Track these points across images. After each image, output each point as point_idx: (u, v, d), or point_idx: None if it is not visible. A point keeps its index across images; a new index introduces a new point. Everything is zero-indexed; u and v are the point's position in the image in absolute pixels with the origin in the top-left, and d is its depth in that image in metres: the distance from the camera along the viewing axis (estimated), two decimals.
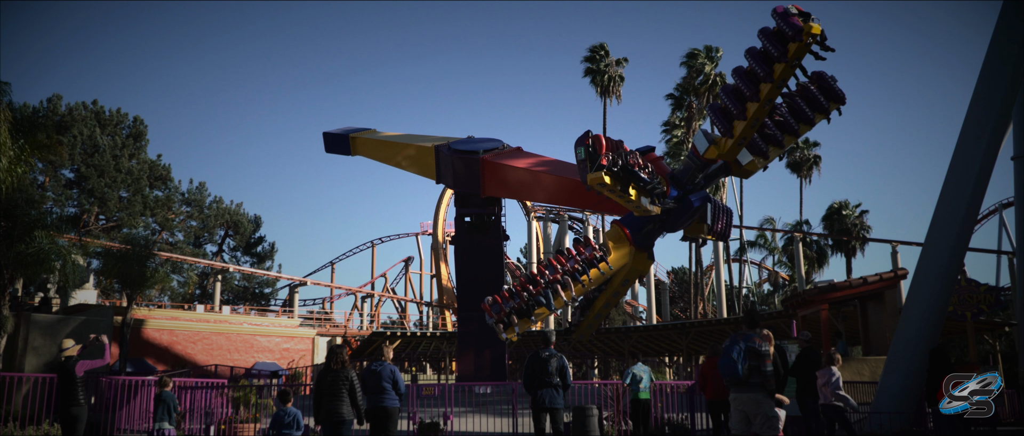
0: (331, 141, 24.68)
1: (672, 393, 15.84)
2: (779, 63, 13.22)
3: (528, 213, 50.91)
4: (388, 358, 9.86)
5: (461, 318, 22.97)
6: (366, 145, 24.00)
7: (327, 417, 8.87)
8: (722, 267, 49.12)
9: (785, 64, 13.16)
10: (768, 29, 13.33)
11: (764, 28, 13.44)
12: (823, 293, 22.78)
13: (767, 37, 13.32)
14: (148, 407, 14.87)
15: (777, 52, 13.14)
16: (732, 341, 8.13)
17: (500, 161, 19.95)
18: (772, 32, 13.25)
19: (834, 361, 11.56)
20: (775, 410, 8.02)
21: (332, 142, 24.67)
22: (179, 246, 50.93)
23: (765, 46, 13.37)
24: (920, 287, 14.78)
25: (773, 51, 13.20)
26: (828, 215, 52.80)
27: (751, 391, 7.94)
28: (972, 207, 14.74)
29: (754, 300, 59.16)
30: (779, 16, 13.01)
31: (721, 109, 14.54)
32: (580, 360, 40.34)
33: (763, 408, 7.90)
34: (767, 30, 13.34)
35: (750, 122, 14.04)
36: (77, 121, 47.06)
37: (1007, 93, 14.68)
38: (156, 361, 30.16)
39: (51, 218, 22.04)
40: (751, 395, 7.94)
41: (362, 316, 56.64)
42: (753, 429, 8.03)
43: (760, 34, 13.47)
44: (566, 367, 10.06)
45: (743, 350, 7.95)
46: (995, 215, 51.77)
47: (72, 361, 10.66)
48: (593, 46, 48.68)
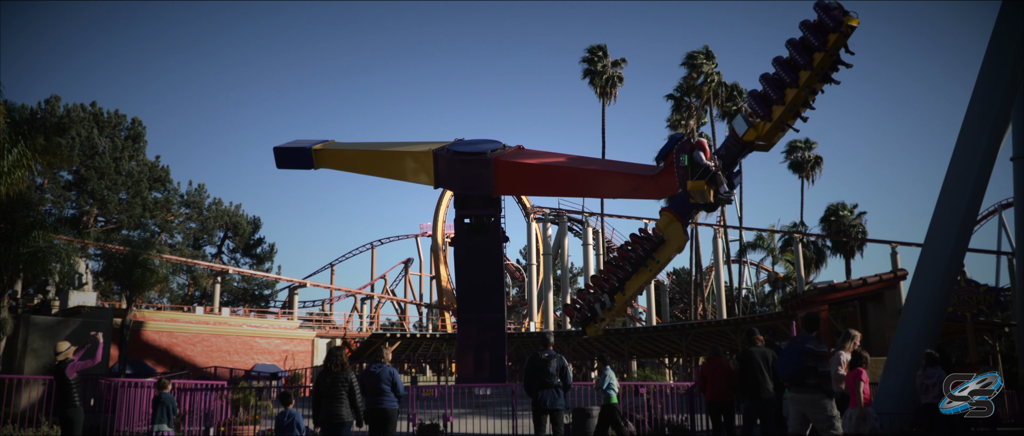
0: (285, 156, 23.11)
1: (672, 394, 15.84)
2: (818, 53, 14.41)
3: (528, 214, 50.91)
4: (387, 360, 9.84)
5: (461, 319, 22.94)
6: (335, 157, 22.95)
7: (326, 419, 8.85)
8: (722, 268, 49.14)
9: (824, 53, 14.33)
10: (808, 21, 14.55)
11: (805, 20, 14.64)
12: (823, 294, 22.76)
13: (808, 29, 14.47)
14: (147, 409, 14.85)
15: (817, 42, 14.33)
16: (792, 342, 8.53)
17: (513, 160, 20.28)
18: (813, 24, 14.43)
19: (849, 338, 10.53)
20: (835, 411, 8.21)
21: (286, 157, 23.14)
22: (178, 248, 50.91)
23: (805, 37, 14.52)
24: (920, 288, 14.76)
25: (813, 41, 14.38)
26: (826, 216, 52.83)
27: (810, 392, 8.20)
28: (972, 208, 14.72)
29: (754, 301, 59.18)
30: (821, 9, 14.22)
31: (760, 96, 15.60)
32: (580, 361, 40.32)
33: (824, 409, 8.13)
34: (808, 22, 14.53)
35: (788, 107, 15.13)
36: (76, 123, 47.05)
37: (1006, 93, 14.66)
38: (155, 363, 30.15)
39: (50, 220, 22.03)
40: (810, 396, 8.21)
41: (362, 318, 56.62)
42: (814, 429, 8.28)
43: (801, 26, 14.62)
44: (566, 368, 10.05)
45: (802, 350, 8.24)
46: (995, 216, 51.80)
47: (65, 364, 10.72)
48: (591, 47, 48.74)
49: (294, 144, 23.17)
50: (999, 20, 14.91)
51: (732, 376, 10.86)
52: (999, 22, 14.90)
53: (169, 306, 46.17)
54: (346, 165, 23.45)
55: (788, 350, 8.52)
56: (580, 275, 75.89)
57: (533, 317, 48.52)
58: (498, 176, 20.29)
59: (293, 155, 23.00)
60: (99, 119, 49.03)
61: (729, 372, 10.94)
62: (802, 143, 52.99)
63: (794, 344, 8.46)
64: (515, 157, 20.51)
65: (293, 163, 23.34)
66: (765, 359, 10.47)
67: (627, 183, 18.86)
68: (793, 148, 53.20)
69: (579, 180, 20.27)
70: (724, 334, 36.13)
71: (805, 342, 8.31)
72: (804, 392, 8.26)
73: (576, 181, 20.34)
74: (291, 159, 23.13)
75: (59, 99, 47.77)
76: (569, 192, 26.70)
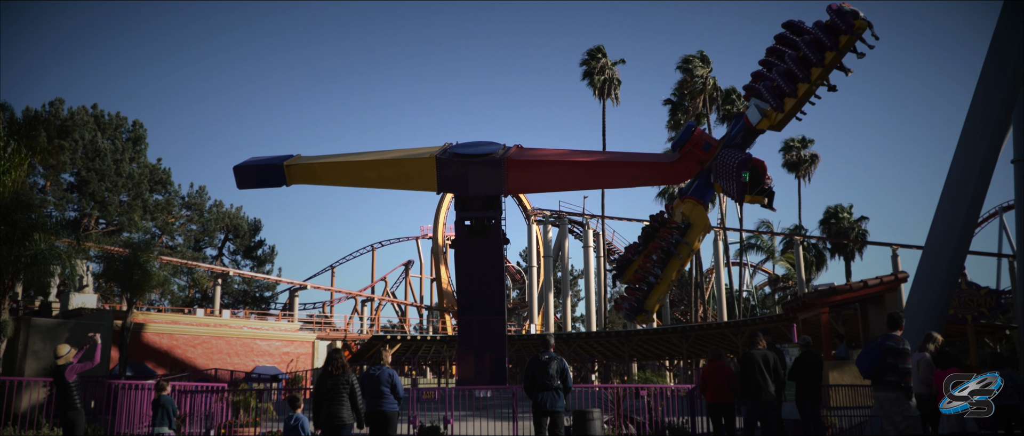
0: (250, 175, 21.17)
1: (672, 396, 15.83)
2: (830, 51, 15.52)
3: (528, 217, 50.93)
4: (387, 362, 9.84)
5: (461, 322, 22.86)
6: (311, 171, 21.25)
7: (327, 421, 8.85)
8: (722, 270, 49.14)
9: (835, 52, 15.49)
10: (822, 22, 15.73)
11: (818, 21, 15.83)
12: (823, 296, 22.73)
13: (821, 29, 15.64)
14: (148, 411, 14.84)
15: (830, 42, 15.43)
16: (875, 341, 8.85)
17: (525, 158, 20.53)
18: (826, 25, 15.57)
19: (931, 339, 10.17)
20: (914, 410, 8.43)
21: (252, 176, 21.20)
22: (179, 250, 50.91)
23: (818, 36, 15.63)
24: (921, 290, 14.76)
25: (826, 41, 15.46)
26: (825, 219, 52.83)
27: (889, 389, 8.47)
28: (972, 210, 14.72)
29: (754, 303, 59.16)
30: (834, 12, 15.41)
31: (774, 87, 16.62)
32: (580, 364, 40.32)
33: (903, 408, 8.35)
34: (821, 23, 15.72)
35: (799, 99, 16.27)
36: (78, 125, 47.09)
37: (1007, 95, 14.67)
38: (156, 365, 30.15)
39: (51, 222, 22.04)
40: (890, 394, 8.45)
41: (362, 320, 56.61)
42: (895, 428, 8.45)
43: (815, 26, 15.86)
44: (566, 370, 10.05)
45: (883, 347, 8.55)
46: (995, 218, 51.77)
47: (67, 367, 10.78)
48: (590, 49, 48.87)
49: (258, 161, 21.37)
50: (1000, 21, 14.91)
51: (733, 378, 10.85)
52: (1000, 23, 14.90)
53: (170, 308, 46.17)
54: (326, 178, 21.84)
55: (869, 347, 8.79)
56: (580, 277, 75.98)
57: (534, 319, 48.50)
58: (509, 175, 20.38)
59: (260, 173, 21.02)
60: (101, 121, 49.05)
61: (730, 374, 10.92)
62: (798, 142, 52.96)
63: (876, 342, 8.72)
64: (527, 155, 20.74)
65: (260, 181, 21.35)
66: (766, 361, 10.47)
67: (645, 171, 20.44)
68: (788, 147, 53.20)
69: (596, 172, 20.93)
70: (725, 336, 36.10)
71: (887, 340, 8.54)
72: (883, 390, 8.50)
73: (593, 173, 20.93)
74: (257, 177, 21.15)
75: (63, 101, 47.85)
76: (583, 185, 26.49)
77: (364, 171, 21.77)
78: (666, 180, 21.50)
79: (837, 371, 18.41)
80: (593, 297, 48.17)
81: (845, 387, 17.52)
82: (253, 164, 21.27)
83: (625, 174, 21.11)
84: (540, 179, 21.47)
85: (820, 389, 11.70)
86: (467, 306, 22.39)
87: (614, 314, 70.87)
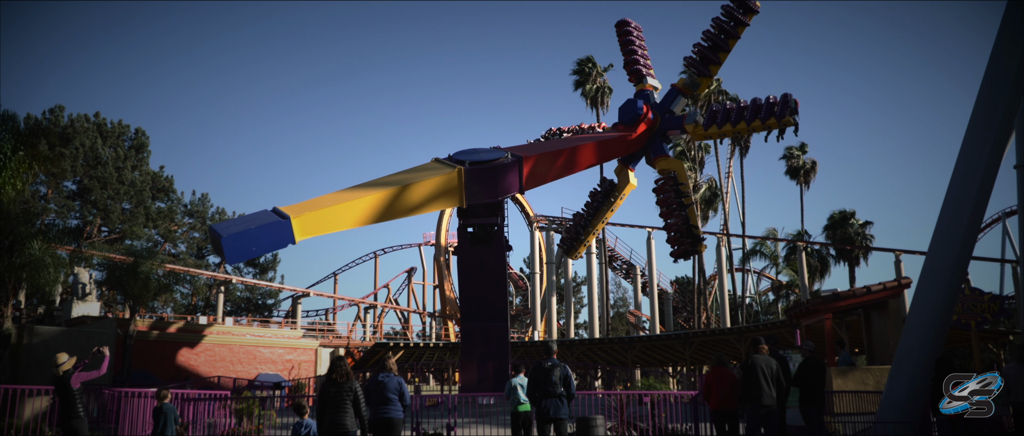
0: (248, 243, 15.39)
1: (676, 403, 15.81)
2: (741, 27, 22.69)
3: (531, 223, 50.91)
4: (392, 369, 9.82)
5: (464, 329, 22.86)
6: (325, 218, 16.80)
7: (330, 429, 8.82)
8: (725, 276, 49.08)
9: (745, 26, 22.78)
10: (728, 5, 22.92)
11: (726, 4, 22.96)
12: (827, 302, 22.69)
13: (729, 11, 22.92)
14: (150, 419, 14.83)
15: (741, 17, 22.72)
16: None
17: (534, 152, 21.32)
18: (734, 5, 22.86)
19: None
20: None
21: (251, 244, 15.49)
22: (182, 257, 50.94)
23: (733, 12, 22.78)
24: (924, 296, 14.69)
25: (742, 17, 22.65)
26: (830, 225, 52.74)
27: None
28: (975, 216, 14.66)
29: (758, 309, 59.04)
30: None
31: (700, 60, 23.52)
32: (583, 370, 40.23)
33: None
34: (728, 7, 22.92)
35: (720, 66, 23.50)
36: (79, 133, 47.16)
37: (1010, 100, 14.62)
38: (159, 373, 30.12)
39: (53, 230, 22.07)
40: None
41: (365, 327, 56.55)
42: None
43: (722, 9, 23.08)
44: (570, 377, 10.04)
45: None
46: (998, 224, 51.69)
47: (68, 374, 10.78)
48: (581, 59, 48.54)
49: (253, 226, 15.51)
50: (1003, 25, 14.86)
51: (736, 385, 10.83)
52: (1003, 27, 14.85)
53: (172, 316, 46.18)
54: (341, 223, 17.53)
55: None
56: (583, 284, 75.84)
57: (536, 326, 48.42)
58: (524, 175, 20.63)
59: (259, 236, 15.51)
60: (102, 129, 49.14)
61: (733, 381, 10.90)
62: (798, 149, 53.01)
63: None
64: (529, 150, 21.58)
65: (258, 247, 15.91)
66: (768, 367, 10.45)
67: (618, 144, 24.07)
68: (789, 155, 53.21)
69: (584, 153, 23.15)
70: (728, 343, 36.04)
71: None
72: None
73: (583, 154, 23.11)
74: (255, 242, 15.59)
75: (63, 109, 47.93)
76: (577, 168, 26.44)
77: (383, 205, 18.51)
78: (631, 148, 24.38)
79: (841, 377, 18.38)
80: (596, 304, 48.10)
81: (849, 393, 17.49)
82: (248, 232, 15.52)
83: (606, 150, 24.16)
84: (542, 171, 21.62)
85: (824, 395, 11.67)
86: (470, 313, 22.40)
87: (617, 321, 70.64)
